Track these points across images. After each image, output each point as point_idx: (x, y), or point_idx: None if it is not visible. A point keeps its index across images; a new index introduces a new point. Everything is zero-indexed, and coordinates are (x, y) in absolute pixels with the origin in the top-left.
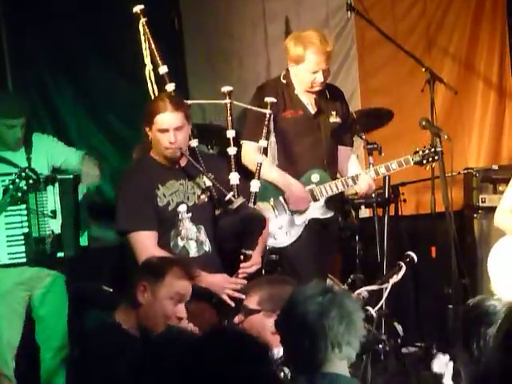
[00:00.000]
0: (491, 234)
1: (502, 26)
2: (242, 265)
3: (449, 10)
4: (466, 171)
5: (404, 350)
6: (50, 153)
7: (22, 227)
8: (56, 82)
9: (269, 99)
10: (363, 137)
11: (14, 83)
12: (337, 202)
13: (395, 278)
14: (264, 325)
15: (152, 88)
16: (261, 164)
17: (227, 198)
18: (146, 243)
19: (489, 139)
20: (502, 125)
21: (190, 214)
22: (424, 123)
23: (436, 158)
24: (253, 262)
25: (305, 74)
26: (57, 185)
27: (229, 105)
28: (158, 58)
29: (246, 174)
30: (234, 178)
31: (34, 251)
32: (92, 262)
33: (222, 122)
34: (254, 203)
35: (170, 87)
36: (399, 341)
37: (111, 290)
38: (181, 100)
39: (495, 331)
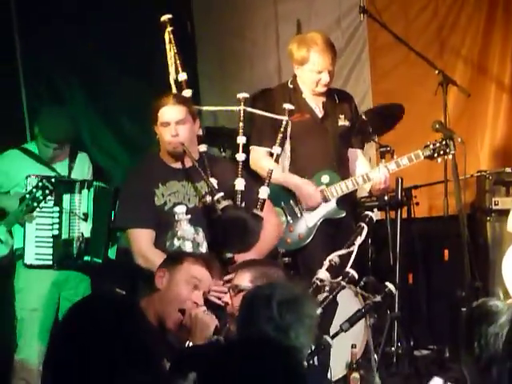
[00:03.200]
0: (504, 237)
1: None
2: (225, 278)
3: (461, 13)
4: (478, 174)
5: (416, 353)
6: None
7: (53, 229)
8: (68, 85)
9: (287, 106)
10: (376, 140)
11: (27, 88)
12: (349, 204)
13: (359, 240)
14: None
15: None
16: (272, 171)
17: (216, 197)
18: (139, 241)
19: (501, 142)
20: None
21: (189, 216)
22: (437, 126)
23: (448, 150)
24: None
25: (310, 75)
26: (92, 190)
27: (242, 111)
28: (180, 66)
29: (255, 179)
30: (240, 183)
31: (61, 254)
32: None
33: (234, 126)
34: (262, 209)
35: (188, 93)
36: (412, 343)
37: (124, 293)
38: (185, 97)
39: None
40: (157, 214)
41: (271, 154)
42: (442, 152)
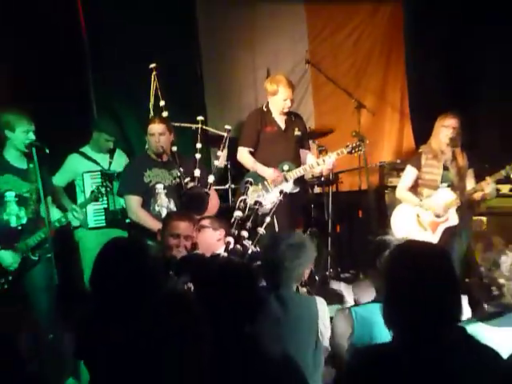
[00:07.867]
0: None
1: (402, 72)
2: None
3: (370, 61)
4: (380, 163)
5: (342, 275)
6: (121, 167)
7: (103, 203)
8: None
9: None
10: (316, 142)
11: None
12: (301, 182)
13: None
14: (212, 236)
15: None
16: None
17: (185, 180)
18: (131, 204)
19: (394, 143)
20: (402, 134)
21: (165, 191)
22: (354, 133)
23: (361, 148)
24: None
25: (279, 102)
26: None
27: (199, 129)
28: (161, 96)
29: (206, 170)
30: (197, 172)
31: (111, 218)
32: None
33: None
34: (209, 189)
35: (165, 114)
36: (339, 269)
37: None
38: (165, 117)
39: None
40: (144, 187)
41: (250, 152)
42: (357, 149)
